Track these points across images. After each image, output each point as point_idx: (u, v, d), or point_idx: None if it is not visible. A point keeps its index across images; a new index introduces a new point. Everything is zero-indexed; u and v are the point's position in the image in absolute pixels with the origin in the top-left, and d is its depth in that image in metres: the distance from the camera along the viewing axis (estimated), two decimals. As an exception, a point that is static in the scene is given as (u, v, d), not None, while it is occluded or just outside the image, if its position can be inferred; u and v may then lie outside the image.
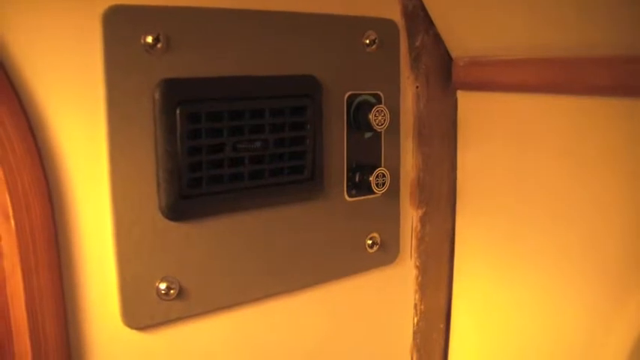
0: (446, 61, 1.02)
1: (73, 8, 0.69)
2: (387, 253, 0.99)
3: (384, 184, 0.91)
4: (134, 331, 0.78)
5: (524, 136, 0.94)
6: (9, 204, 0.66)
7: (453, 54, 1.01)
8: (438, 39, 1.00)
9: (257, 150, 0.80)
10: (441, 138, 1.04)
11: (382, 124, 0.88)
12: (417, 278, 1.06)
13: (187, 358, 0.83)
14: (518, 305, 0.98)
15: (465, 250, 1.07)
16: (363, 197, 0.94)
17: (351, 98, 0.90)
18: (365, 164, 0.93)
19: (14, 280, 0.68)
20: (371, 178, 0.89)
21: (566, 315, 0.91)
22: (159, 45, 0.73)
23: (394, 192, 0.98)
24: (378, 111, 0.88)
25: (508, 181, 0.97)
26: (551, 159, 0.90)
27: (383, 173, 0.90)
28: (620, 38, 0.77)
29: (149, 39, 0.72)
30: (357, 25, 0.90)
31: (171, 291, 0.78)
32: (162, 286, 0.77)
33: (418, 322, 1.08)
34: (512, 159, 0.96)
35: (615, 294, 0.84)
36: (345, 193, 0.92)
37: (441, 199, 1.06)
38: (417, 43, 0.99)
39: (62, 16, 0.69)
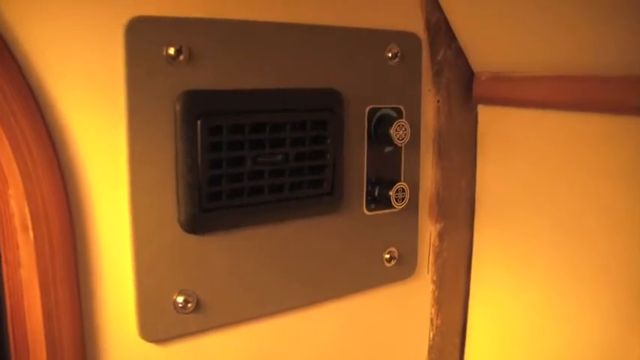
0: (467, 75, 1.01)
1: (95, 19, 0.69)
2: (404, 267, 0.98)
3: (403, 198, 0.90)
4: (151, 345, 0.77)
5: (544, 153, 0.93)
6: (28, 215, 0.66)
7: (475, 69, 1.00)
8: (460, 53, 0.99)
9: (278, 163, 0.79)
10: (461, 152, 1.03)
11: (403, 139, 0.88)
12: (434, 293, 1.05)
13: (203, 372, 0.83)
14: (535, 321, 0.98)
15: (482, 264, 1.06)
16: (381, 211, 0.93)
17: (372, 112, 0.89)
18: (384, 178, 0.92)
19: (32, 290, 0.68)
20: (390, 193, 0.89)
21: (585, 331, 0.91)
22: (181, 57, 0.72)
23: (413, 206, 0.97)
24: (399, 125, 0.87)
25: (527, 197, 0.96)
26: (572, 176, 0.89)
27: (403, 188, 0.89)
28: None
29: (171, 50, 0.72)
30: (380, 38, 0.89)
31: (189, 304, 0.77)
32: (180, 299, 0.76)
33: (434, 336, 1.07)
34: (531, 175, 0.96)
35: (634, 309, 0.84)
36: (365, 207, 0.91)
37: (459, 213, 1.05)
38: (439, 57, 0.98)
39: (84, 27, 0.68)
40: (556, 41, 0.85)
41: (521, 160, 0.97)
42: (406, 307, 1.03)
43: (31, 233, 0.66)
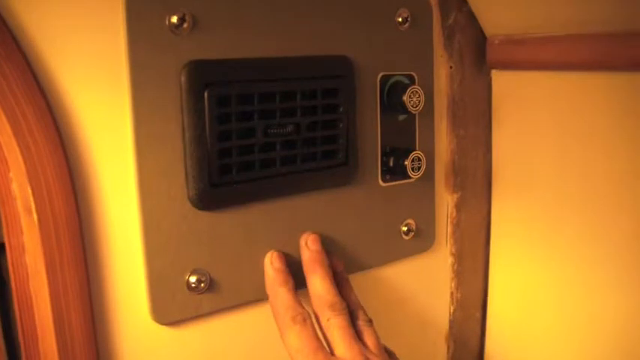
0: (480, 39, 0.98)
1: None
2: (422, 240, 0.96)
3: (419, 168, 0.87)
4: (163, 327, 0.75)
5: (563, 117, 0.90)
6: (31, 196, 0.63)
7: (488, 32, 0.97)
8: (471, 17, 0.96)
9: (289, 134, 0.77)
10: (476, 120, 1.00)
11: (417, 106, 0.85)
12: (453, 266, 1.03)
13: (219, 354, 0.80)
14: (556, 293, 0.96)
15: (501, 236, 1.04)
16: (397, 182, 0.90)
17: (383, 79, 0.86)
18: (399, 148, 0.89)
19: (38, 276, 0.65)
20: (406, 162, 0.86)
21: (608, 303, 0.89)
22: (185, 25, 0.69)
23: (429, 176, 0.94)
24: (412, 92, 0.84)
25: (545, 164, 0.94)
26: (592, 140, 0.87)
27: (418, 157, 0.86)
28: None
29: (174, 19, 0.69)
30: (390, 2, 0.86)
31: (202, 284, 0.75)
32: (193, 279, 0.74)
33: (454, 310, 1.04)
34: (549, 141, 0.93)
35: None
36: (380, 178, 0.88)
37: (476, 183, 1.02)
38: (450, 21, 0.95)
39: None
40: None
41: (539, 126, 0.94)
42: (425, 281, 1.01)
43: (34, 216, 0.64)
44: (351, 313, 0.76)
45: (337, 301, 0.75)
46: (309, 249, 0.80)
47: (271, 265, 0.78)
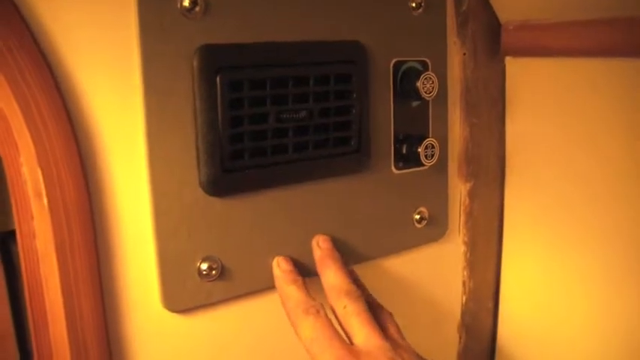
0: (494, 25, 0.97)
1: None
2: (435, 228, 0.95)
3: (432, 155, 0.86)
4: (174, 315, 0.74)
5: (579, 105, 0.89)
6: (41, 180, 0.63)
7: (502, 18, 0.96)
8: (485, 2, 0.95)
9: (302, 120, 0.76)
10: (489, 107, 0.99)
11: (431, 92, 0.84)
12: (466, 255, 1.02)
13: (230, 342, 0.80)
14: (569, 283, 0.95)
15: (514, 225, 1.03)
16: (410, 170, 0.89)
17: (397, 65, 0.86)
18: (412, 135, 0.88)
19: (48, 261, 0.65)
20: (420, 149, 0.85)
21: (623, 292, 0.88)
22: (197, 8, 0.68)
23: (442, 164, 0.93)
24: (426, 78, 0.83)
25: (560, 153, 0.93)
26: (608, 129, 0.86)
27: (432, 144, 0.85)
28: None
29: (186, 2, 0.68)
30: (403, -14, 0.86)
31: (213, 271, 0.74)
32: (204, 266, 0.73)
33: (467, 300, 1.04)
34: (564, 129, 0.92)
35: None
36: (393, 165, 0.87)
37: (489, 171, 1.01)
38: (464, 7, 0.94)
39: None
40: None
41: (553, 114, 0.93)
42: (438, 270, 1.00)
43: (45, 199, 0.63)
44: (369, 305, 0.74)
45: (353, 288, 0.74)
46: (320, 248, 0.80)
47: (278, 267, 0.78)
